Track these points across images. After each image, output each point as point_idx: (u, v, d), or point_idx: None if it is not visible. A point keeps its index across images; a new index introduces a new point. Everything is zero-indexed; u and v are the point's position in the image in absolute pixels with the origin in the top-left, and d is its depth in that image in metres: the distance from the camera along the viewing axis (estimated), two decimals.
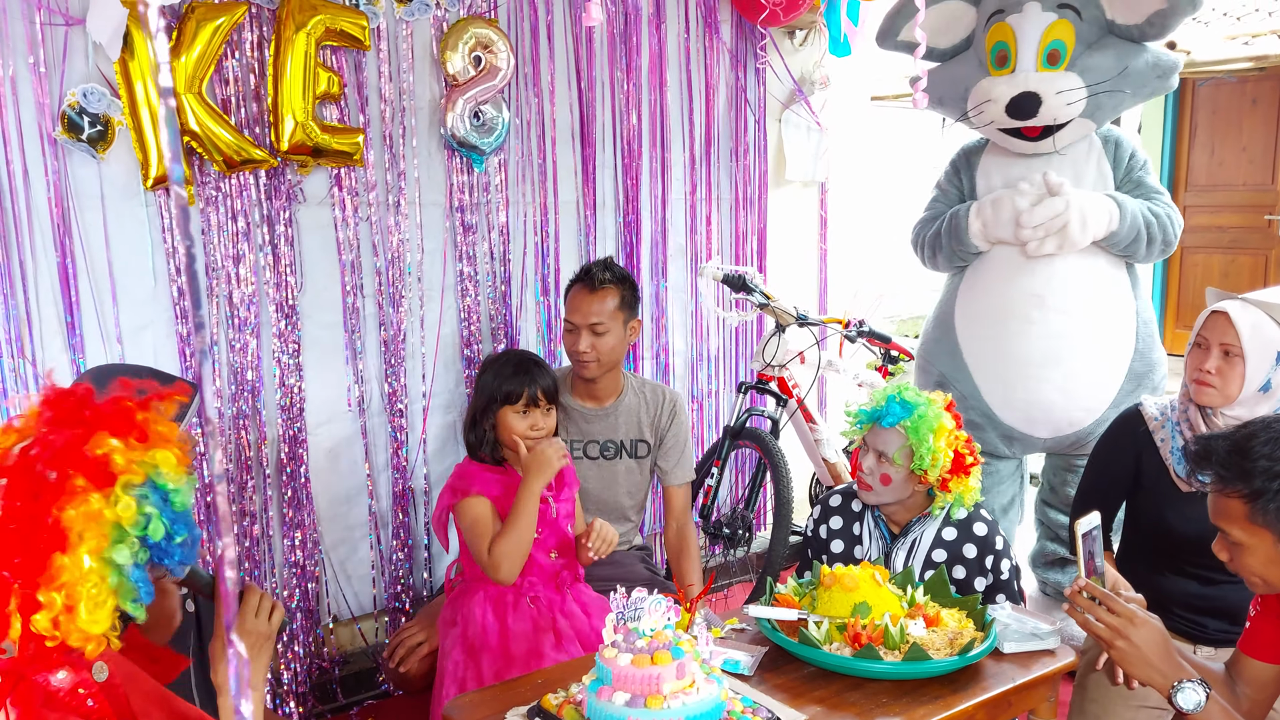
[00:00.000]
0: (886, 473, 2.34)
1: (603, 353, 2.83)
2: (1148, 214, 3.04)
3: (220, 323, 2.92)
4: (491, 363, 2.60)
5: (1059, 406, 3.10)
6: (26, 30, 2.54)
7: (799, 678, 2.00)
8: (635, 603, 1.70)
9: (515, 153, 3.41)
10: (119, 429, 1.32)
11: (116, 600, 1.30)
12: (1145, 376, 3.11)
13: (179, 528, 1.35)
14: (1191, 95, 7.36)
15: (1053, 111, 2.99)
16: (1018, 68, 3.04)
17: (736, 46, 3.94)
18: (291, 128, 2.83)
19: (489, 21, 3.21)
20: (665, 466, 3.03)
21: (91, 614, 1.27)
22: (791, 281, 4.27)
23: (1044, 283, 3.05)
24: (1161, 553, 2.39)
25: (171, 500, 1.34)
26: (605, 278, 2.85)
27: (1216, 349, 2.24)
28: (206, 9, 2.68)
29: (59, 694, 1.34)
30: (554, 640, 2.45)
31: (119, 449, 1.30)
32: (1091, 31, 3.02)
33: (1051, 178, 2.98)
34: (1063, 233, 2.97)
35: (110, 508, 1.27)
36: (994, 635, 2.06)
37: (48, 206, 2.64)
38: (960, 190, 3.35)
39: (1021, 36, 3.04)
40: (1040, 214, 2.97)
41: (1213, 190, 7.35)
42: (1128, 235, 3.01)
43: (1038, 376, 3.08)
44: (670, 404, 3.02)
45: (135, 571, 1.31)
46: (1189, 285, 7.50)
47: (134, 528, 1.29)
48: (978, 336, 3.20)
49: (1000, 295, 3.13)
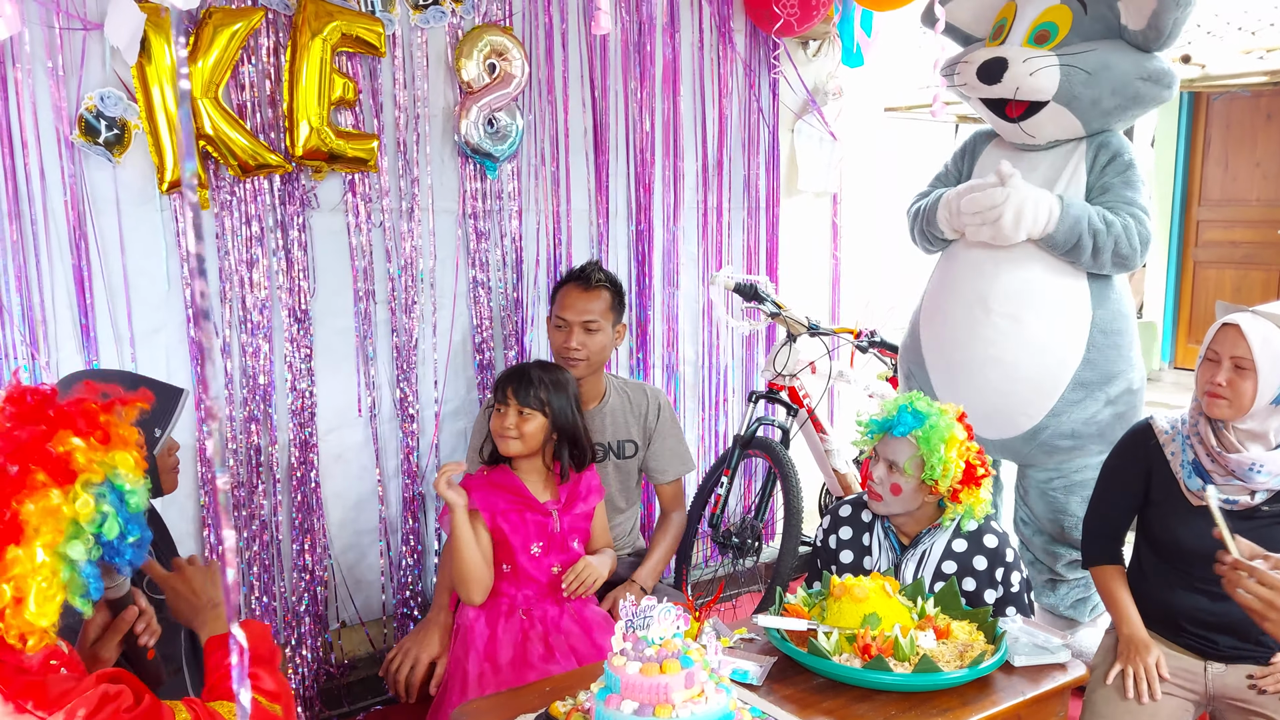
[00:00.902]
0: (897, 482, 2.34)
1: (592, 351, 2.86)
2: (1098, 222, 2.93)
3: (233, 327, 2.93)
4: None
5: (1000, 408, 3.09)
6: (45, 35, 2.56)
7: (808, 688, 1.99)
8: (644, 611, 1.70)
9: (528, 160, 3.42)
10: (82, 429, 1.37)
11: (65, 595, 1.34)
12: (1099, 387, 3.04)
13: (132, 528, 1.40)
14: (1205, 109, 7.34)
15: (1016, 79, 2.97)
16: (1006, 41, 3.08)
17: (750, 56, 3.94)
18: (306, 133, 2.85)
19: (504, 29, 3.22)
20: (655, 466, 3.04)
21: (40, 607, 1.32)
22: (803, 291, 4.27)
23: (989, 284, 3.04)
24: (1172, 567, 2.38)
25: (127, 501, 1.40)
26: (599, 278, 2.90)
27: (1228, 362, 2.23)
28: (224, 14, 2.70)
29: (32, 666, 1.39)
30: (544, 652, 2.46)
31: (81, 448, 1.35)
32: (1094, 29, 3.00)
33: (1004, 167, 2.95)
34: (996, 224, 2.95)
35: (69, 504, 1.33)
36: (1004, 648, 2.06)
37: (64, 209, 2.66)
38: (960, 173, 3.36)
39: (1020, 14, 3.08)
40: (977, 201, 2.96)
41: (1226, 205, 7.32)
42: (1065, 240, 2.93)
43: (980, 374, 3.08)
44: (655, 402, 3.04)
45: (87, 567, 1.36)
46: (1201, 299, 7.47)
47: (90, 525, 1.35)
48: (933, 333, 3.24)
49: (955, 293, 3.15)
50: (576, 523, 2.59)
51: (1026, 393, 3.06)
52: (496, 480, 2.56)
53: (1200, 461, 2.30)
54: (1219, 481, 2.27)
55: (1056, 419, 3.05)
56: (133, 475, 1.40)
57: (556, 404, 2.54)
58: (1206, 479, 2.29)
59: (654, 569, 2.89)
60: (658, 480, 3.05)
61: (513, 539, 2.51)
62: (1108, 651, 2.43)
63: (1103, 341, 3.05)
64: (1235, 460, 2.23)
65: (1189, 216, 7.52)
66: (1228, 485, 2.27)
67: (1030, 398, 3.06)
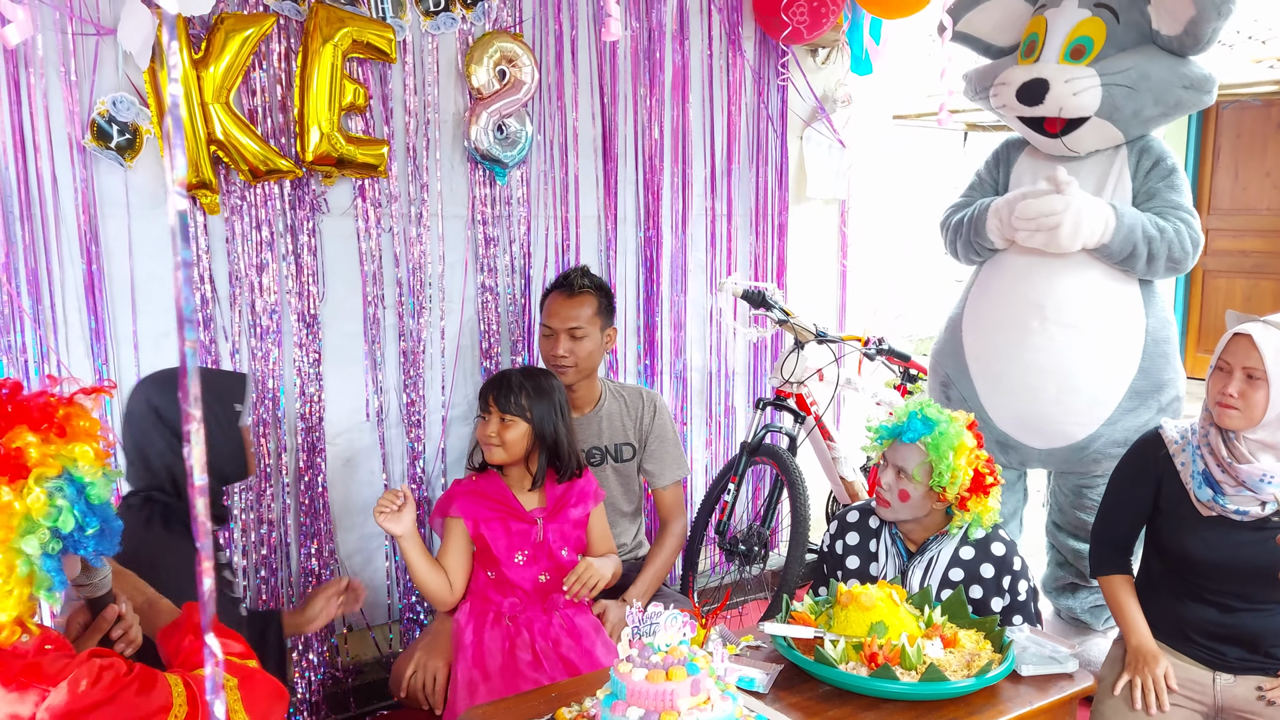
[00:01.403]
0: (905, 489, 2.34)
1: (580, 357, 2.87)
2: (1151, 229, 2.94)
3: (242, 331, 2.95)
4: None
5: (1053, 418, 3.07)
6: (58, 40, 2.58)
7: (814, 696, 1.99)
8: (651, 617, 1.70)
9: (537, 166, 3.43)
10: (37, 423, 1.39)
11: (29, 589, 1.36)
12: (1151, 395, 3.05)
13: (91, 519, 1.41)
14: (1215, 118, 7.33)
15: (1059, 100, 2.95)
16: (1041, 58, 3.03)
17: (759, 63, 3.95)
18: (317, 138, 2.86)
19: (514, 36, 3.23)
20: (652, 469, 3.03)
21: (1, 602, 1.34)
22: (811, 298, 4.27)
23: (1045, 293, 3.01)
24: (1181, 578, 2.37)
25: (88, 493, 1.41)
26: (583, 284, 2.90)
27: (1239, 372, 2.22)
28: (235, 20, 2.71)
29: (27, 651, 1.41)
30: (532, 660, 2.46)
31: (35, 443, 1.36)
32: (1128, 37, 2.97)
33: (1061, 174, 2.93)
34: (1053, 232, 2.92)
35: (20, 499, 1.33)
36: (1012, 657, 2.05)
37: (75, 214, 2.67)
38: (995, 182, 3.33)
39: (1051, 28, 3.03)
40: (1035, 208, 2.93)
41: (1236, 214, 7.31)
42: (1121, 249, 2.93)
43: (1034, 386, 3.05)
44: (650, 404, 3.04)
45: (47, 561, 1.37)
46: (1211, 309, 7.45)
47: (44, 519, 1.35)
48: (980, 341, 3.19)
49: (1004, 301, 3.11)
50: (565, 531, 2.56)
51: (1083, 403, 3.04)
52: (482, 488, 2.56)
53: (1210, 472, 2.29)
54: (1229, 492, 2.27)
55: (1111, 428, 3.04)
56: (92, 467, 1.41)
57: (538, 411, 2.51)
58: (1217, 489, 2.28)
59: (649, 582, 2.86)
60: (656, 484, 3.04)
61: (495, 547, 2.50)
62: (1115, 662, 2.42)
63: (1154, 350, 3.05)
64: (1246, 471, 2.23)
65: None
66: (1238, 496, 2.26)
67: (1086, 408, 3.04)
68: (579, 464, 2.61)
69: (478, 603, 2.54)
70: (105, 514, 1.44)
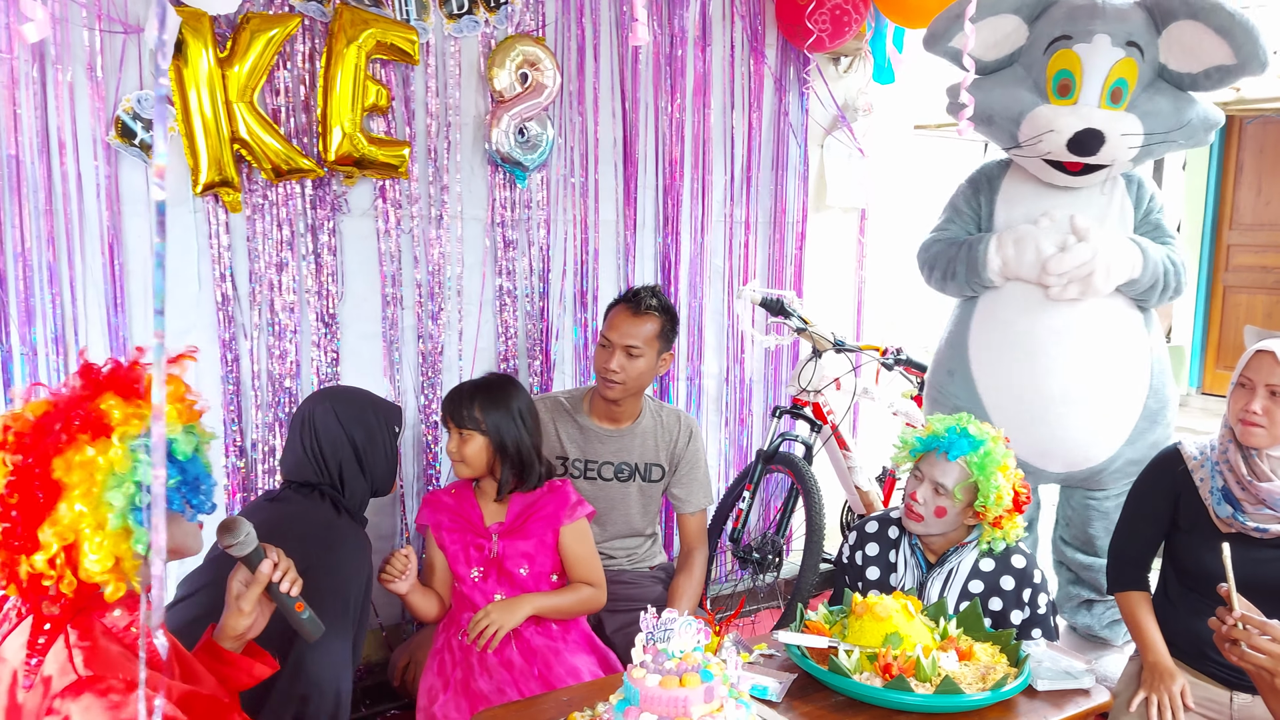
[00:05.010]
0: (943, 505, 2.31)
1: (630, 376, 2.80)
2: (1167, 262, 3.01)
3: (261, 329, 2.96)
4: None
5: (1076, 443, 3.06)
6: (86, 38, 2.60)
7: (828, 706, 1.98)
8: (665, 624, 1.69)
9: (558, 170, 3.43)
10: (122, 389, 1.47)
11: (124, 542, 1.42)
12: (1159, 413, 3.09)
13: (173, 471, 1.49)
14: (1239, 133, 7.28)
15: (1113, 152, 2.92)
16: (1081, 100, 2.94)
17: (781, 71, 3.94)
18: (339, 139, 2.87)
19: (536, 40, 3.24)
20: (680, 494, 3.00)
21: (95, 552, 1.40)
22: (829, 307, 4.26)
23: (1065, 320, 3.01)
24: (1199, 595, 2.35)
25: (171, 449, 1.48)
26: (651, 304, 2.83)
27: (1263, 389, 2.20)
28: (260, 20, 2.73)
29: (114, 630, 1.50)
30: (484, 674, 2.44)
31: (118, 404, 1.44)
32: (1147, 73, 2.96)
33: (1079, 222, 2.93)
34: (1087, 280, 2.93)
35: (103, 454, 1.41)
36: (1028, 672, 2.03)
37: (98, 210, 2.69)
38: (977, 214, 3.24)
39: (1089, 68, 2.93)
40: (1067, 262, 2.91)
41: (1258, 229, 7.26)
42: (1147, 282, 2.99)
43: (1057, 412, 3.03)
44: (687, 429, 3.00)
45: (136, 514, 1.43)
46: (1230, 325, 7.40)
47: (126, 473, 1.42)
48: (994, 369, 3.14)
49: (1019, 330, 3.07)
50: (522, 549, 2.50)
51: (1104, 429, 3.06)
52: (451, 499, 2.57)
53: (1230, 489, 2.28)
54: (1249, 509, 2.25)
55: (1131, 447, 3.07)
56: (173, 424, 1.49)
57: (493, 420, 2.46)
58: (1236, 506, 2.26)
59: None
60: (681, 510, 3.02)
61: (453, 563, 2.51)
62: (1131, 678, 2.40)
63: (1159, 368, 3.11)
64: (1266, 489, 2.21)
65: (1219, 241, 7.46)
66: (1258, 513, 2.24)
67: (1109, 431, 3.07)
68: (547, 471, 2.57)
69: (453, 610, 2.56)
70: (193, 469, 1.53)
